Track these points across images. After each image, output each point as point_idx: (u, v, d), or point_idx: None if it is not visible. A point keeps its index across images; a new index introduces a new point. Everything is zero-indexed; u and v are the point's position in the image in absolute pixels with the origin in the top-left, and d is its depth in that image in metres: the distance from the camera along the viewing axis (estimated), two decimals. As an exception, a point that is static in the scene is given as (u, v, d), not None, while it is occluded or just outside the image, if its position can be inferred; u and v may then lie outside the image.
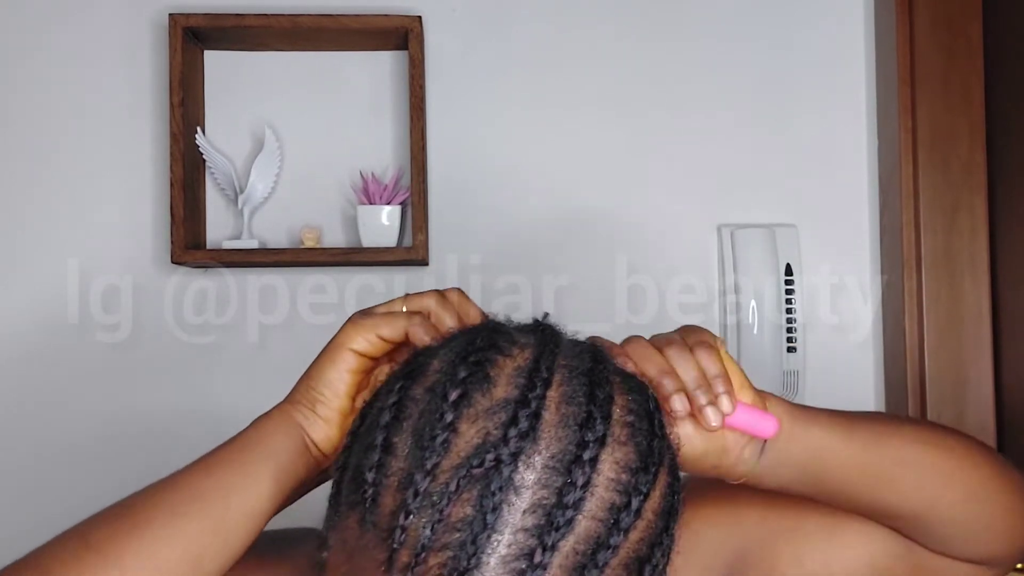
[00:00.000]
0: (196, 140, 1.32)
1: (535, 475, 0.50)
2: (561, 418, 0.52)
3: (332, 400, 0.63)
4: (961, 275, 1.29)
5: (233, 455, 0.61)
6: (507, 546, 0.49)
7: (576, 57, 1.39)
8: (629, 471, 0.52)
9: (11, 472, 1.33)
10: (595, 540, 0.50)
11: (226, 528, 0.58)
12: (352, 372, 0.63)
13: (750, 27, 1.40)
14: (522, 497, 0.50)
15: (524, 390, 0.52)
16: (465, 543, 0.48)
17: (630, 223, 1.38)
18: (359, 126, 1.38)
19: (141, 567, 0.55)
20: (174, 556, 0.56)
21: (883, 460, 0.69)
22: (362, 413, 0.57)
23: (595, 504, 0.51)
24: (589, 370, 0.55)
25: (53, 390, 1.34)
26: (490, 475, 0.49)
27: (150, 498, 0.59)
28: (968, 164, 1.29)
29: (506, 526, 0.49)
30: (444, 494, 0.49)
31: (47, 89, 1.36)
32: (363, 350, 0.63)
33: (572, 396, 0.53)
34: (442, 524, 0.49)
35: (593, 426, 0.52)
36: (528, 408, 0.51)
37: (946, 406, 1.27)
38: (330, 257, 1.30)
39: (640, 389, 0.57)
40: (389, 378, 0.58)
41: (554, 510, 0.50)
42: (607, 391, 0.54)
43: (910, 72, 1.30)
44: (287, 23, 1.31)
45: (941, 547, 0.72)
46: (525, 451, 0.50)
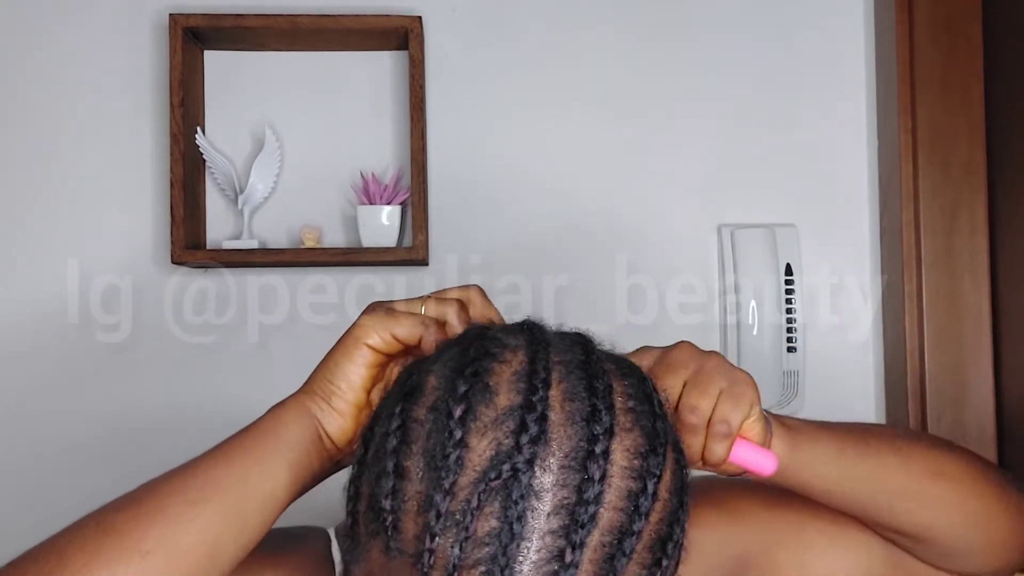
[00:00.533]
0: (196, 140, 1.32)
1: (553, 477, 0.50)
2: (567, 416, 0.52)
3: (347, 393, 0.63)
4: (961, 275, 1.29)
5: (249, 443, 0.61)
6: (537, 551, 0.49)
7: (576, 57, 1.39)
8: (640, 456, 0.53)
9: (11, 472, 1.33)
10: (619, 529, 0.51)
11: (243, 514, 0.58)
12: (368, 366, 0.63)
13: (750, 27, 1.40)
14: (544, 501, 0.50)
15: (527, 394, 0.52)
16: (496, 555, 0.49)
17: (630, 223, 1.38)
18: (359, 126, 1.38)
19: (160, 550, 0.55)
20: (192, 540, 0.56)
21: (885, 493, 0.69)
22: (364, 439, 0.57)
23: (614, 495, 0.51)
24: (583, 362, 0.55)
25: (53, 390, 1.34)
26: (509, 485, 0.50)
27: (167, 484, 0.59)
28: (968, 164, 1.29)
29: (533, 532, 0.49)
30: (467, 511, 0.49)
31: (47, 89, 1.36)
32: (378, 346, 0.63)
33: (573, 392, 0.53)
34: (470, 541, 0.49)
35: (599, 419, 0.52)
36: (534, 412, 0.52)
37: (946, 406, 1.27)
38: (330, 257, 1.30)
39: (634, 372, 0.58)
40: (385, 400, 0.58)
41: (577, 508, 0.50)
42: (605, 381, 0.54)
43: (910, 72, 1.30)
44: (287, 23, 1.31)
45: (940, 563, 0.73)
46: (539, 455, 0.51)
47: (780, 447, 0.66)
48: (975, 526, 0.71)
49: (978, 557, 0.72)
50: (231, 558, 0.58)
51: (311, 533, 0.73)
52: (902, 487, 0.69)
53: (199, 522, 0.57)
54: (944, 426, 1.27)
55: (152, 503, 0.57)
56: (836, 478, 0.68)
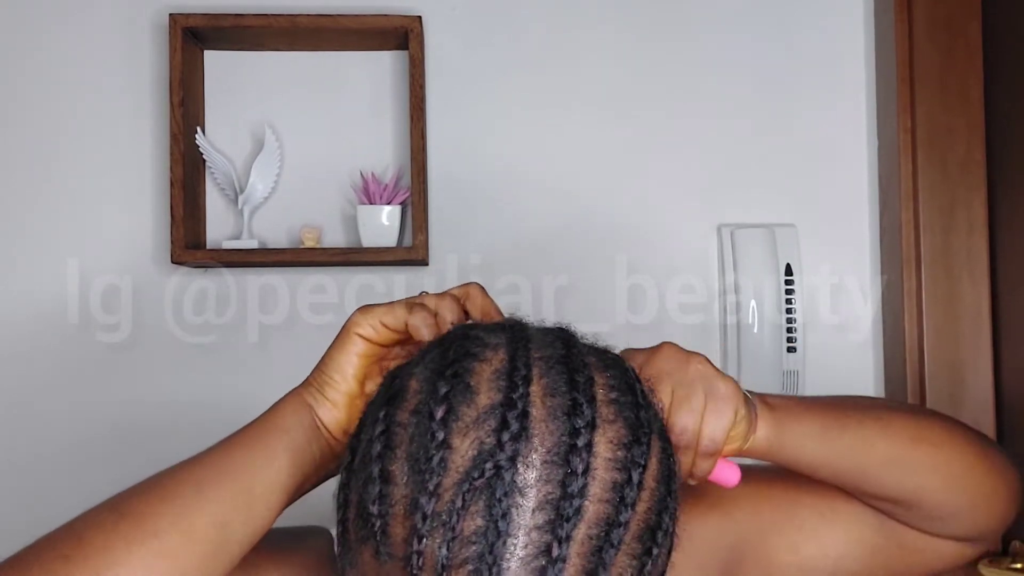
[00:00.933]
0: (196, 140, 1.32)
1: (536, 473, 0.51)
2: (548, 411, 0.52)
3: (340, 383, 0.65)
4: (960, 274, 1.29)
5: (251, 434, 0.64)
6: (524, 547, 0.50)
7: (576, 57, 1.39)
8: (624, 447, 0.53)
9: (11, 472, 1.33)
10: (606, 521, 0.51)
11: (251, 498, 0.61)
12: (360, 356, 0.65)
13: (750, 27, 1.40)
14: (528, 497, 0.50)
15: (507, 392, 0.53)
16: (483, 554, 0.49)
17: (630, 223, 1.38)
18: (359, 126, 1.38)
19: (173, 531, 0.58)
20: (203, 522, 0.59)
21: (869, 461, 0.71)
22: (351, 447, 0.58)
23: (598, 487, 0.51)
24: (563, 356, 0.55)
25: (53, 390, 1.34)
26: (493, 483, 0.50)
27: (178, 474, 0.62)
28: (967, 163, 1.29)
29: (519, 528, 0.50)
30: (452, 511, 0.50)
31: (47, 89, 1.36)
32: (368, 335, 0.65)
33: (554, 387, 0.54)
34: (457, 540, 0.49)
35: (580, 412, 0.52)
36: (515, 409, 0.52)
37: (945, 406, 1.27)
38: (330, 257, 1.30)
39: (616, 363, 0.58)
40: (370, 406, 0.59)
41: (561, 502, 0.50)
42: (586, 374, 0.55)
43: (909, 72, 1.30)
44: (286, 23, 1.31)
45: (926, 527, 0.75)
46: (521, 452, 0.51)
47: (765, 431, 0.68)
48: (960, 489, 0.73)
49: (966, 519, 0.74)
50: (240, 540, 0.60)
51: (315, 533, 0.74)
52: (886, 455, 0.71)
53: (210, 506, 0.59)
54: (944, 426, 1.27)
55: (164, 490, 0.60)
56: (822, 453, 0.70)
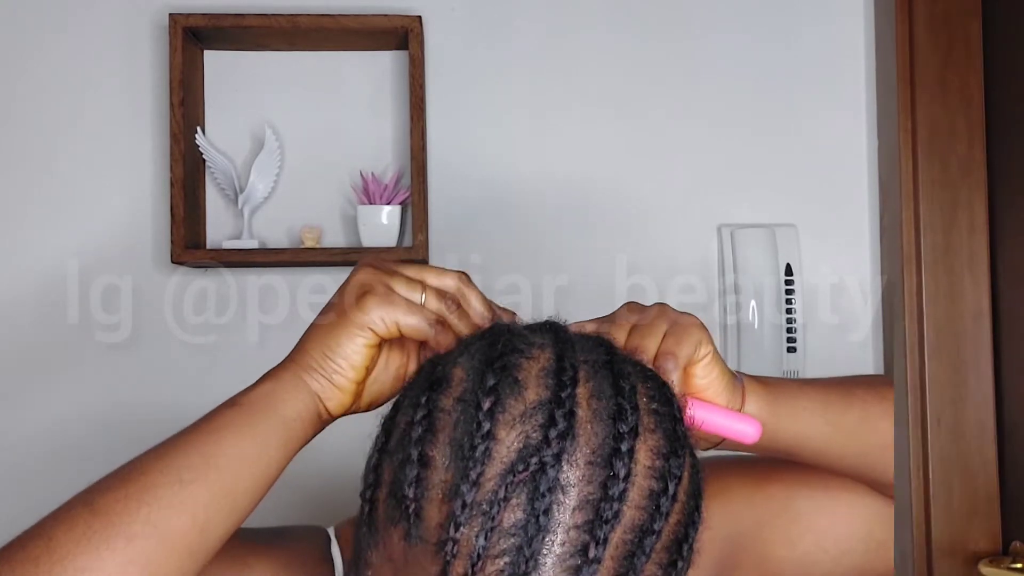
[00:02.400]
0: (196, 140, 1.32)
1: (579, 472, 0.51)
2: (594, 413, 0.53)
3: (348, 371, 0.63)
4: (961, 274, 1.29)
5: (242, 420, 0.60)
6: (561, 544, 0.50)
7: (576, 57, 1.39)
8: (662, 457, 0.53)
9: (10, 471, 1.33)
10: (640, 528, 0.52)
11: (235, 495, 0.57)
12: (369, 347, 0.64)
13: (750, 27, 1.40)
14: (569, 496, 0.51)
15: (555, 390, 0.53)
16: (521, 547, 0.50)
17: (630, 223, 1.38)
18: (359, 126, 1.38)
19: (149, 535, 0.54)
20: (183, 525, 0.55)
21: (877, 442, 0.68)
22: (385, 427, 0.58)
23: (637, 493, 0.52)
24: (608, 362, 0.56)
25: (53, 390, 1.34)
26: (537, 478, 0.50)
27: (158, 461, 0.58)
28: (967, 163, 1.29)
29: (558, 525, 0.50)
30: (494, 502, 0.50)
31: (47, 89, 1.36)
32: (380, 332, 0.63)
33: (600, 390, 0.54)
34: (495, 531, 0.50)
35: (625, 418, 0.53)
36: (563, 408, 0.52)
37: (946, 406, 1.27)
38: (330, 257, 1.30)
39: (655, 375, 0.58)
40: (408, 389, 0.58)
41: (601, 504, 0.51)
42: (630, 382, 0.55)
43: (909, 71, 1.30)
44: (286, 23, 1.31)
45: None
46: (567, 450, 0.51)
47: (758, 403, 0.64)
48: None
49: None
50: (221, 536, 0.57)
51: (309, 532, 0.73)
52: (887, 439, 0.68)
53: (190, 504, 0.55)
54: (944, 426, 1.27)
55: (142, 482, 0.56)
56: (826, 434, 0.66)
